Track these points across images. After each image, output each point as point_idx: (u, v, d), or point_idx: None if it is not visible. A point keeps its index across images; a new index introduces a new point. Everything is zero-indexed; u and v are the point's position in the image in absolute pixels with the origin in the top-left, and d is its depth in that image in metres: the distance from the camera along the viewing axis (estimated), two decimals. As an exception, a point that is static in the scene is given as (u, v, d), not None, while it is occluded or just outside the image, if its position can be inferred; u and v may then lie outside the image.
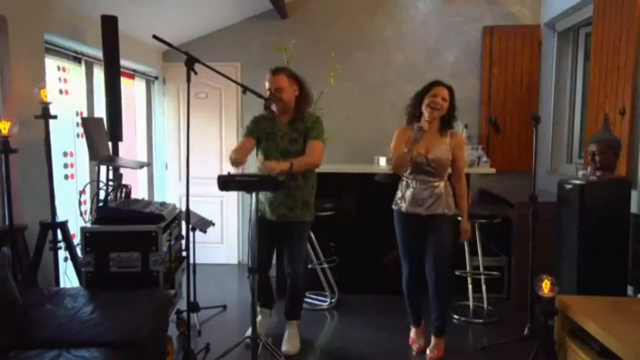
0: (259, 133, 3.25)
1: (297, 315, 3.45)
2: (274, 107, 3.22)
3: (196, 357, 2.99)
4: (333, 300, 4.21)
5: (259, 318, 3.39)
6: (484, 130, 5.14)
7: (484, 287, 4.02)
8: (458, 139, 3.19)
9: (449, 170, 3.19)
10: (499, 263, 4.30)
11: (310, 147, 3.15)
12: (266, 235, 3.08)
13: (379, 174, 4.38)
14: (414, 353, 3.30)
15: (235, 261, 5.44)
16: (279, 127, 3.22)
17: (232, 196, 5.38)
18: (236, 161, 3.08)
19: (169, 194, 5.43)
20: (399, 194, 3.24)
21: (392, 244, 3.35)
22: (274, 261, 3.53)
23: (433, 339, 3.22)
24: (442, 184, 3.13)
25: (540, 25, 5.03)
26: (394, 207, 3.26)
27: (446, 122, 3.14)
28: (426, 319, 3.35)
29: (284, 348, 3.26)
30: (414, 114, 3.16)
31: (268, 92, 3.17)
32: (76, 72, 3.86)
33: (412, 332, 3.40)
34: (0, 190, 2.91)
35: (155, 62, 5.18)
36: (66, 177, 3.66)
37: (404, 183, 3.21)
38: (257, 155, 3.29)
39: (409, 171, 3.17)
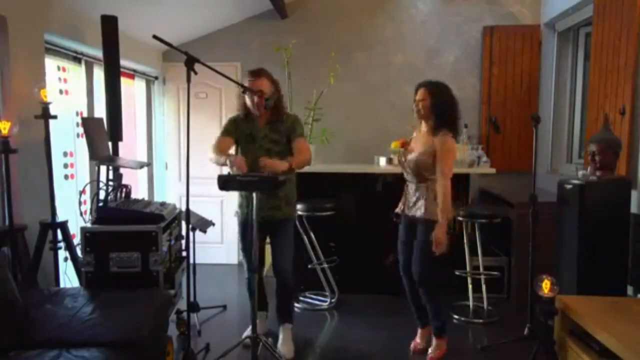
0: (238, 135, 3.23)
1: (290, 318, 3.41)
2: (250, 106, 3.16)
3: (196, 357, 2.99)
4: (333, 300, 4.21)
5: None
6: (484, 130, 5.14)
7: (484, 287, 4.02)
8: (439, 140, 2.99)
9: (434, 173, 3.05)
10: (499, 263, 4.30)
11: (298, 146, 3.15)
12: (253, 236, 3.01)
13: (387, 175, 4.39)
14: (410, 353, 3.30)
15: (235, 261, 5.43)
16: (258, 128, 3.19)
17: (232, 196, 5.32)
18: (218, 160, 3.04)
19: (169, 194, 5.43)
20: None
21: (392, 244, 3.35)
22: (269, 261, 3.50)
23: (434, 340, 3.21)
24: (423, 186, 3.07)
25: (540, 25, 5.03)
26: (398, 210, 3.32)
27: (438, 121, 3.02)
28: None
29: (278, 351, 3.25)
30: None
31: (248, 95, 3.14)
32: (76, 72, 3.86)
33: (418, 334, 3.36)
34: (0, 190, 2.91)
35: (155, 62, 5.18)
36: (66, 177, 3.66)
37: (405, 185, 3.27)
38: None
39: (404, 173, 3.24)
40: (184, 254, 3.37)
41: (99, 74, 3.96)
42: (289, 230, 3.33)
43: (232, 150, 3.27)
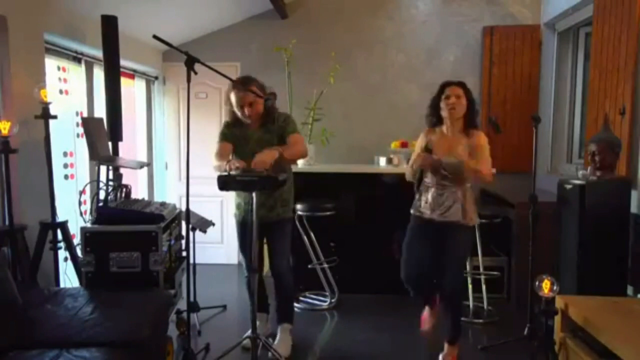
0: (232, 138, 3.22)
1: (289, 318, 3.39)
2: (242, 117, 3.15)
3: (196, 357, 2.98)
4: (333, 300, 4.21)
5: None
6: (484, 130, 5.11)
7: (484, 287, 4.02)
8: (476, 140, 3.00)
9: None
10: (499, 263, 4.30)
11: (291, 140, 3.11)
12: (251, 237, 2.97)
13: (387, 175, 4.38)
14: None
15: (235, 261, 5.43)
16: (251, 131, 3.18)
17: (232, 196, 5.36)
18: (220, 167, 2.98)
19: (169, 194, 5.43)
20: (416, 197, 3.13)
21: (391, 244, 3.32)
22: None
23: (446, 346, 3.14)
24: (460, 189, 2.98)
25: (540, 25, 5.03)
26: (411, 211, 3.14)
27: (469, 120, 3.03)
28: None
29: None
30: (434, 122, 3.10)
31: (238, 108, 3.11)
32: (76, 72, 3.86)
33: (425, 312, 3.29)
34: (0, 190, 2.91)
35: (155, 62, 5.18)
36: (66, 177, 3.66)
37: (424, 187, 3.09)
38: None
39: (428, 175, 3.06)
40: (184, 254, 3.36)
41: (99, 74, 3.96)
42: (285, 232, 3.29)
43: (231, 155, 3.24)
